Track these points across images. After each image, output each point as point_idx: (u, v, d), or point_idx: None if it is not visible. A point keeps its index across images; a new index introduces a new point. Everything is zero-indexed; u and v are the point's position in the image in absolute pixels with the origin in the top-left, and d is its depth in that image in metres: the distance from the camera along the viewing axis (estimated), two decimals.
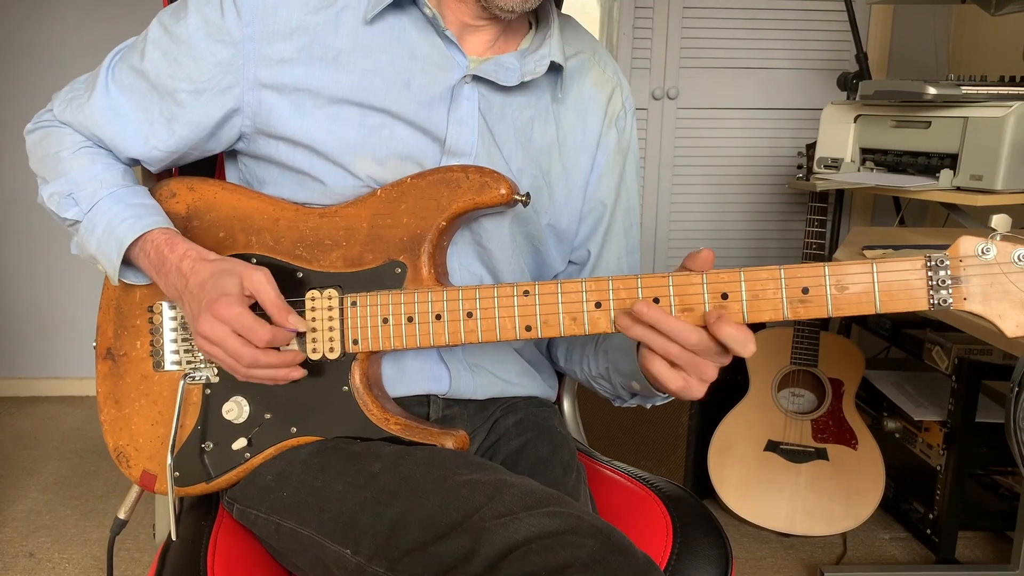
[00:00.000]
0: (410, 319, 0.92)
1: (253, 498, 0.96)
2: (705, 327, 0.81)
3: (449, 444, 0.94)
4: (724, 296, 0.82)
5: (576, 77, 1.06)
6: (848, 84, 2.38)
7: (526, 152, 1.03)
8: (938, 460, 2.03)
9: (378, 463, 0.90)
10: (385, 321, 0.93)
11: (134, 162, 1.05)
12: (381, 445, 0.93)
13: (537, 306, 0.88)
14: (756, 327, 1.46)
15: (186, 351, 1.00)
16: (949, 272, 0.77)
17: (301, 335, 0.95)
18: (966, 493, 2.04)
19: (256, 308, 0.92)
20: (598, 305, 0.86)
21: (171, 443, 0.97)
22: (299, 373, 0.94)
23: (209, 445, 0.99)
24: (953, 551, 2.05)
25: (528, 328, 0.88)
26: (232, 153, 1.07)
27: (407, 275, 0.94)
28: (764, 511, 2.20)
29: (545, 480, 0.96)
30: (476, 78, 0.99)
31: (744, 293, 0.81)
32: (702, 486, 2.26)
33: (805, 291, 0.80)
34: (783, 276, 0.80)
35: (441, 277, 0.96)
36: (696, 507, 1.07)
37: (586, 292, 0.86)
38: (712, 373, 0.83)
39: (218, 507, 1.04)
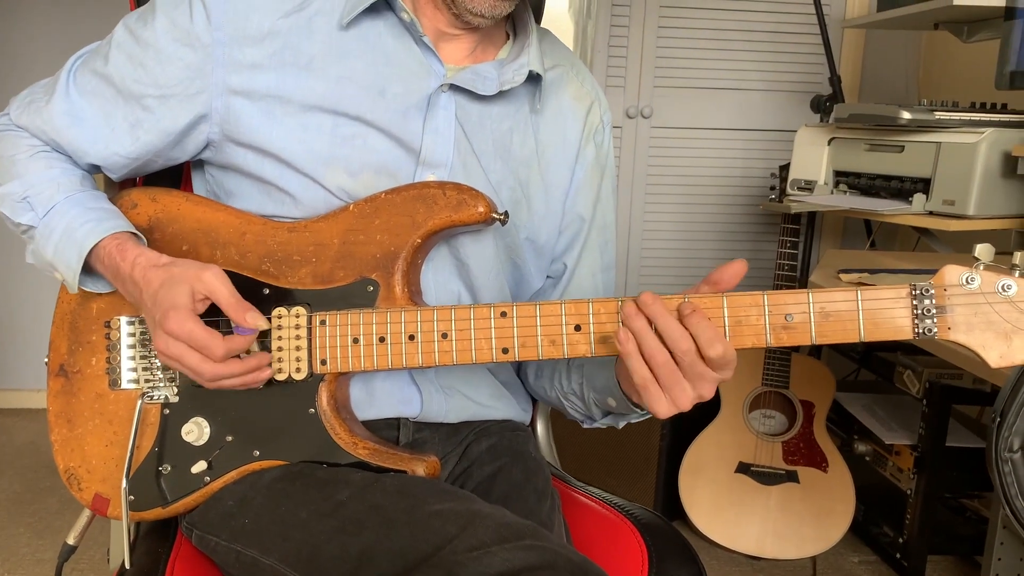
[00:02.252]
0: (382, 339, 0.89)
1: (213, 524, 0.92)
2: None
3: (420, 470, 0.91)
4: None
5: (555, 89, 1.04)
6: (821, 107, 2.38)
7: (505, 164, 1.00)
8: (908, 484, 2.03)
9: (345, 490, 0.86)
10: (355, 341, 0.89)
11: (94, 169, 1.01)
12: (348, 471, 0.90)
13: (515, 328, 0.85)
14: None
15: (144, 368, 0.96)
16: (934, 301, 0.76)
17: (265, 333, 0.91)
18: (934, 517, 2.03)
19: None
20: (578, 328, 0.83)
21: (127, 465, 0.93)
22: (267, 373, 0.90)
23: (167, 468, 0.95)
24: (923, 574, 2.04)
25: (505, 350, 0.85)
26: (199, 163, 1.03)
27: (379, 293, 0.91)
28: (735, 534, 2.18)
29: (519, 508, 0.92)
30: (453, 87, 0.97)
31: (727, 319, 0.79)
32: (673, 508, 2.24)
33: (789, 318, 0.78)
34: (766, 302, 0.78)
35: (415, 296, 0.93)
36: (671, 535, 1.05)
37: (566, 315, 0.83)
38: (689, 393, 0.79)
39: (176, 533, 1.00)
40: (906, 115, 1.78)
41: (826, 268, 1.61)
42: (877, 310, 0.76)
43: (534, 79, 0.99)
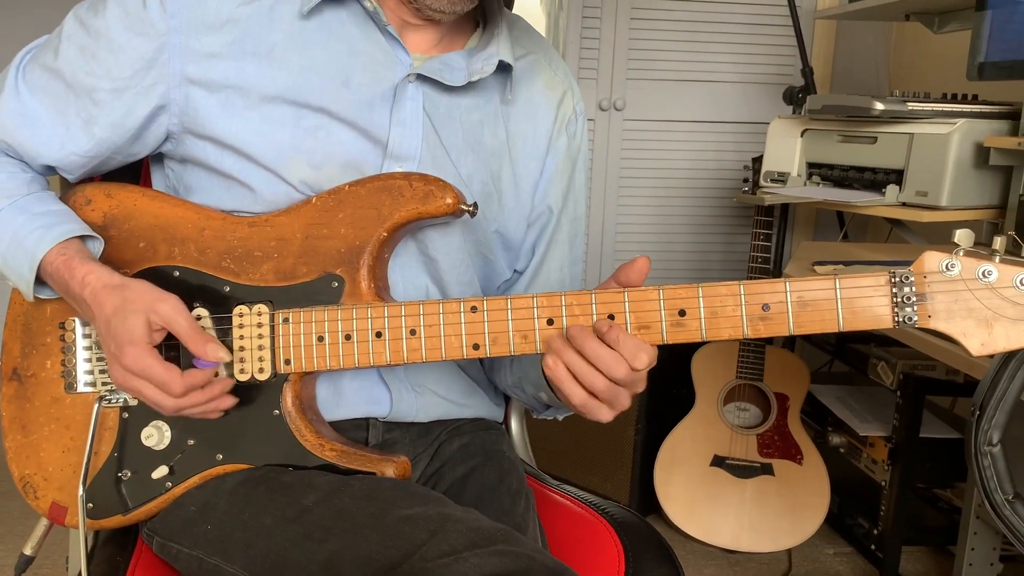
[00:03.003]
0: (348, 337, 0.86)
1: (174, 530, 0.89)
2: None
3: (389, 471, 0.88)
4: (682, 313, 0.77)
5: (526, 78, 1.01)
6: (794, 98, 2.38)
7: (476, 156, 0.97)
8: (883, 475, 2.03)
9: (311, 495, 0.83)
10: (320, 339, 0.86)
11: (49, 170, 0.96)
12: (315, 475, 0.87)
13: (486, 323, 0.82)
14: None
15: (101, 371, 0.93)
16: (914, 288, 0.74)
17: (227, 332, 0.89)
18: (909, 508, 2.04)
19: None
20: (550, 322, 0.81)
21: (83, 471, 0.90)
22: (229, 403, 0.87)
23: (126, 474, 0.91)
24: (897, 567, 2.04)
25: (476, 346, 0.83)
26: (159, 158, 1.00)
27: (344, 289, 0.88)
28: (710, 527, 2.17)
29: (492, 509, 0.90)
30: (421, 77, 0.94)
31: (702, 310, 0.77)
32: (648, 502, 2.23)
33: (766, 308, 0.76)
34: (743, 292, 0.76)
35: (382, 291, 0.90)
36: (647, 533, 1.03)
37: (538, 308, 0.81)
38: (628, 399, 0.79)
39: (136, 540, 0.96)
40: (879, 106, 1.77)
41: (800, 260, 1.60)
42: (856, 298, 0.74)
43: (504, 68, 0.97)
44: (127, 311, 0.83)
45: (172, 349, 0.87)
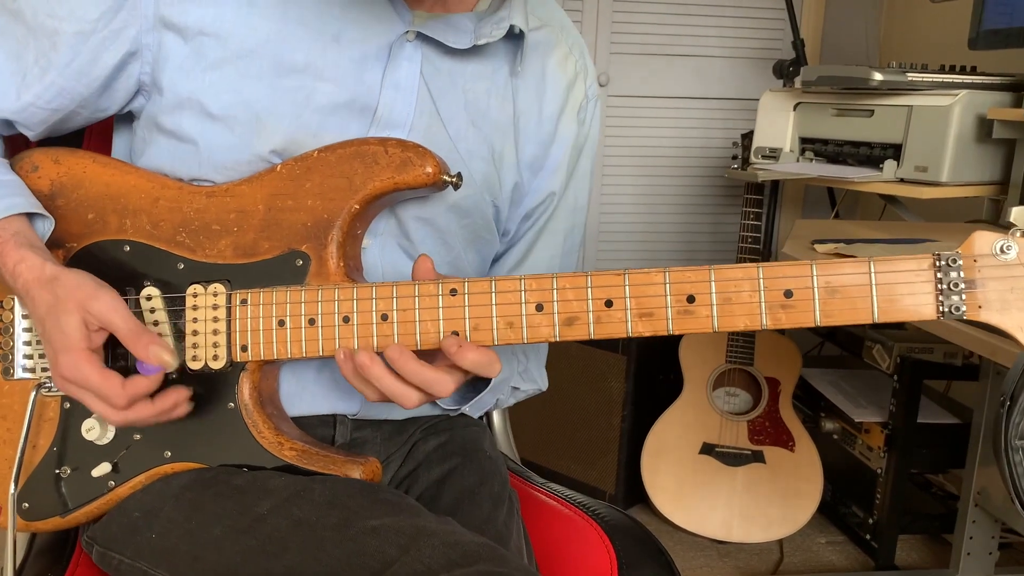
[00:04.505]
0: (312, 321, 0.77)
1: (115, 538, 0.80)
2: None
3: (356, 475, 0.79)
4: (690, 299, 0.68)
5: (538, 52, 0.91)
6: (784, 72, 2.30)
7: (478, 131, 0.87)
8: (878, 462, 1.96)
9: (266, 501, 0.74)
10: (281, 324, 0.77)
11: (7, 126, 0.86)
12: (271, 477, 0.77)
13: (466, 307, 0.73)
14: None
15: (42, 356, 0.83)
16: (962, 274, 0.64)
17: (179, 341, 0.79)
18: (905, 496, 1.97)
19: None
20: (539, 308, 0.72)
21: (16, 466, 0.81)
22: (183, 411, 0.78)
23: (66, 471, 0.82)
24: (893, 556, 1.99)
25: (455, 334, 0.74)
26: (126, 118, 0.90)
27: (310, 268, 0.79)
28: (699, 517, 2.10)
29: (472, 517, 0.81)
30: (421, 36, 0.84)
31: (714, 296, 0.68)
32: (635, 491, 2.16)
33: (788, 294, 0.67)
34: (761, 276, 0.67)
35: (352, 272, 0.81)
36: (641, 536, 0.95)
37: (525, 291, 0.72)
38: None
39: (75, 548, 0.88)
40: (878, 76, 1.69)
41: (798, 239, 1.52)
42: (893, 284, 0.65)
43: (516, 37, 0.87)
44: (59, 311, 0.74)
45: (119, 348, 0.78)
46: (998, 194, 1.72)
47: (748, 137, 2.12)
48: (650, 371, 2.18)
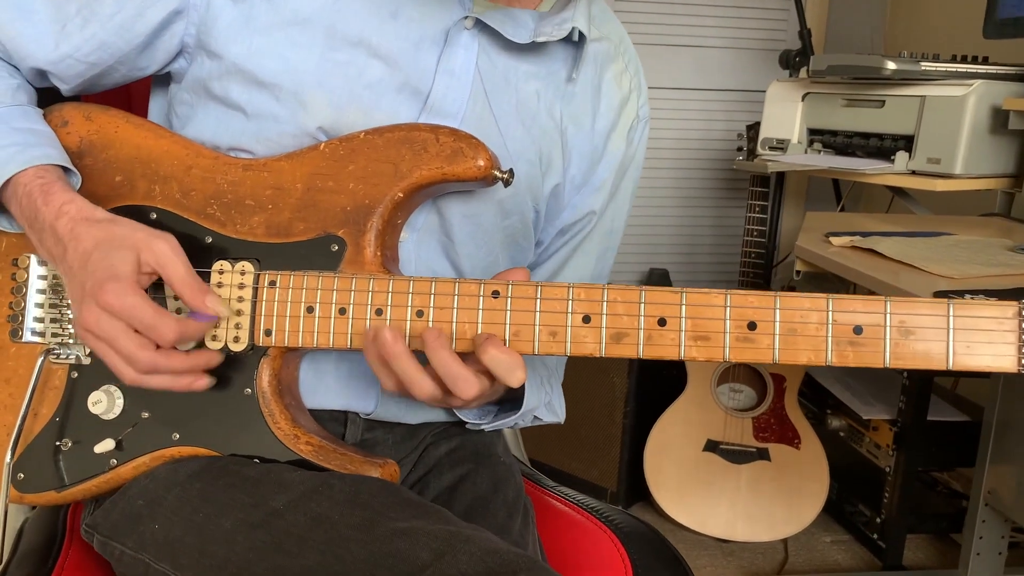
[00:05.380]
0: (342, 311, 0.72)
1: (117, 527, 0.75)
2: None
3: (374, 476, 0.75)
4: (751, 326, 0.64)
5: (595, 63, 0.87)
6: (791, 62, 2.24)
7: (527, 132, 0.83)
8: (887, 461, 1.93)
9: (282, 495, 0.70)
10: (310, 310, 0.73)
11: (41, 78, 0.82)
12: (287, 470, 0.73)
13: (508, 312, 0.69)
14: None
15: (53, 320, 0.79)
16: None
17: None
18: (914, 495, 1.94)
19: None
20: (586, 320, 0.67)
21: (15, 434, 0.77)
22: (205, 383, 0.73)
23: (67, 443, 0.78)
24: (901, 556, 1.95)
25: None
26: (163, 81, 0.86)
27: (345, 255, 0.75)
28: (703, 516, 2.07)
29: (486, 525, 0.77)
30: (480, 25, 0.79)
31: (777, 325, 0.64)
32: (637, 489, 2.13)
33: (858, 331, 0.63)
34: (831, 308, 0.63)
35: (389, 263, 0.76)
36: (657, 546, 0.92)
37: (573, 300, 0.67)
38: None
39: (64, 542, 0.84)
40: (891, 65, 1.65)
41: (811, 231, 1.48)
42: (973, 331, 0.61)
43: (575, 43, 0.83)
44: (112, 245, 0.69)
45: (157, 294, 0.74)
46: (1012, 187, 1.68)
47: (753, 128, 2.08)
48: (653, 367, 2.14)
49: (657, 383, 2.15)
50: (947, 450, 1.93)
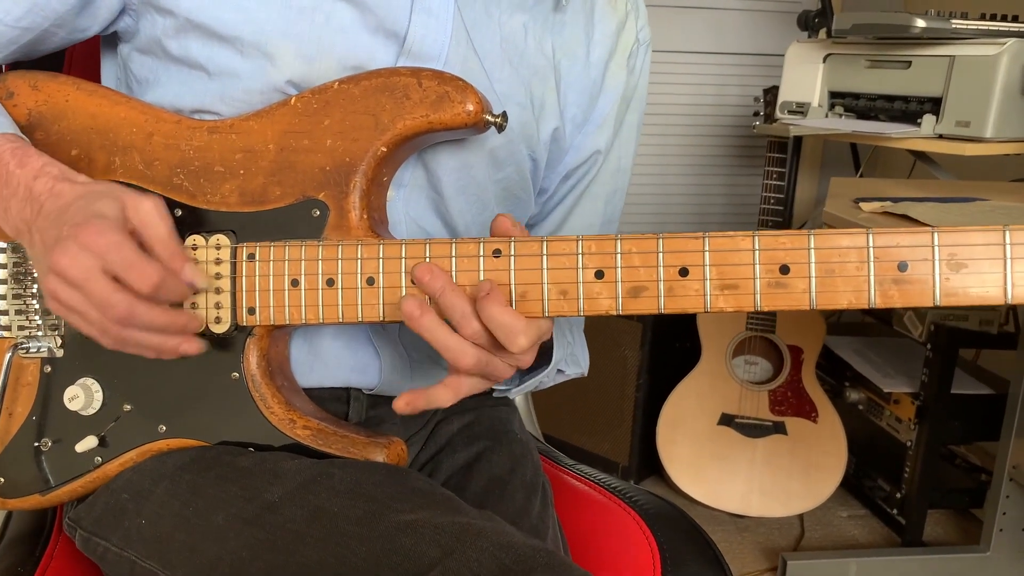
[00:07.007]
0: (330, 282, 0.67)
1: (102, 523, 0.71)
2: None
3: (379, 458, 0.69)
4: (784, 270, 0.58)
5: None
6: (810, 23, 2.16)
7: (515, 71, 0.76)
8: (908, 435, 1.88)
9: (277, 486, 0.64)
10: (295, 284, 0.67)
11: None
12: (283, 458, 0.68)
13: (512, 271, 0.63)
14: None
15: (18, 312, 0.73)
16: None
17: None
18: (935, 470, 1.89)
19: None
20: (599, 275, 0.61)
21: None
22: (195, 346, 0.66)
23: (47, 443, 0.73)
24: (921, 532, 1.92)
25: None
26: (112, 43, 0.79)
27: (328, 220, 0.69)
28: (717, 491, 2.03)
29: (504, 509, 0.72)
30: None
31: (813, 267, 0.57)
32: (650, 463, 2.09)
33: (903, 267, 0.56)
34: (871, 244, 0.56)
35: (377, 225, 0.70)
36: (686, 528, 0.87)
37: (583, 255, 0.61)
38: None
39: (52, 531, 0.79)
40: (920, 23, 1.57)
41: (838, 198, 1.41)
42: None
43: None
44: (98, 196, 0.63)
45: None
46: None
47: (771, 92, 2.01)
48: (666, 338, 2.10)
49: (670, 356, 2.10)
50: (971, 424, 1.88)
